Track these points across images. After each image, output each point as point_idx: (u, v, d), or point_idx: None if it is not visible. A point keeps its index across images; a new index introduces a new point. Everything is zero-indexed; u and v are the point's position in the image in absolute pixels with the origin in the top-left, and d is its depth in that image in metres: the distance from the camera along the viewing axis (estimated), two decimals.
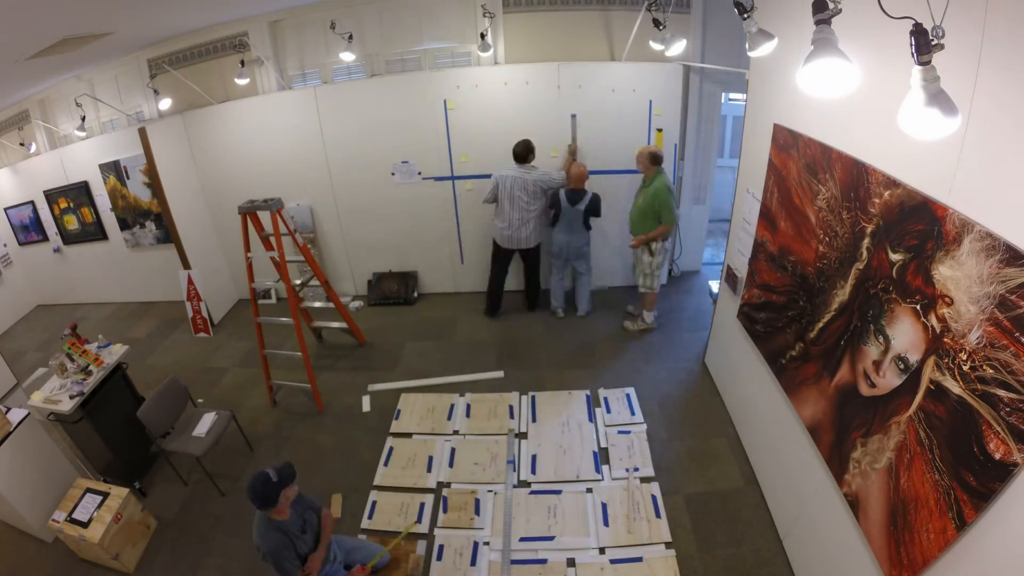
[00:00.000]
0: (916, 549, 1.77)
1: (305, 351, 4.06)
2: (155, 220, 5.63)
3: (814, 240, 2.49)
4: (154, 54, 5.22)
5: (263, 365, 4.23)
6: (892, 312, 1.93)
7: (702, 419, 3.79)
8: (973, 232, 1.53)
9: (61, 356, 3.52)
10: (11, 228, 6.36)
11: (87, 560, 3.05)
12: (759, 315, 3.15)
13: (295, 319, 4.02)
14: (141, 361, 4.96)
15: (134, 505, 3.12)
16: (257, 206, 3.90)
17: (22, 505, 3.05)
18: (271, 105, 5.11)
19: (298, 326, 4.04)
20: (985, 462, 1.51)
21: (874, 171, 2.00)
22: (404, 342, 4.94)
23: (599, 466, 3.44)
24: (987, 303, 1.50)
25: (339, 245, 5.63)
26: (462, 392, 4.19)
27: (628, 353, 4.54)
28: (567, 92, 4.71)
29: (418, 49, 5.03)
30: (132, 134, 5.03)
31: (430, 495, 3.33)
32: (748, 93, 3.32)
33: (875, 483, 2.00)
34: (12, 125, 5.95)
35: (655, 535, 2.97)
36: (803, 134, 2.54)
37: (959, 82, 1.43)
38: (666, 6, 3.98)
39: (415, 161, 5.09)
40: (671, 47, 3.76)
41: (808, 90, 1.76)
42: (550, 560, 2.90)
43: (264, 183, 5.24)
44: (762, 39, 2.34)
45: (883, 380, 1.99)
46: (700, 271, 5.77)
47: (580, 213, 4.56)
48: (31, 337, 5.96)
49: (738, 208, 3.50)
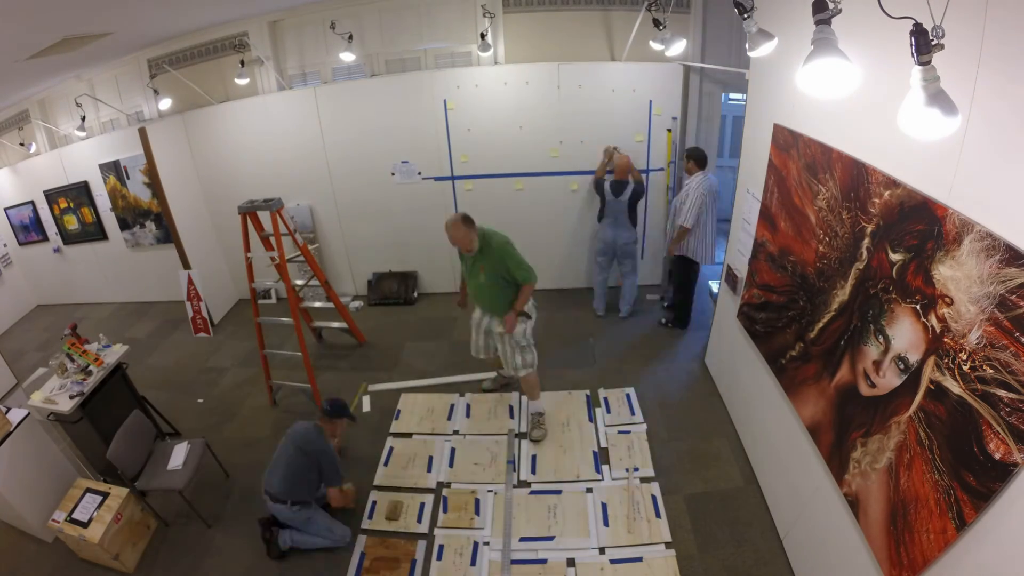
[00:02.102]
0: (916, 549, 1.77)
1: (305, 351, 4.06)
2: (155, 220, 5.64)
3: (814, 240, 2.49)
4: (154, 54, 5.22)
5: (263, 365, 4.22)
6: (892, 312, 1.93)
7: (702, 419, 3.78)
8: (973, 232, 1.53)
9: (61, 356, 3.53)
10: (11, 228, 6.36)
11: (87, 560, 3.05)
12: (759, 315, 3.15)
13: (295, 319, 4.02)
14: (141, 361, 4.96)
15: (134, 505, 3.12)
16: (257, 206, 3.90)
17: (22, 505, 3.05)
18: (271, 105, 5.11)
19: (298, 326, 4.04)
20: (985, 462, 1.51)
21: (874, 171, 2.00)
22: (404, 342, 4.94)
23: (599, 466, 3.44)
24: (987, 303, 1.50)
25: (339, 245, 5.63)
26: (462, 392, 4.19)
27: (628, 353, 4.54)
28: (567, 92, 4.71)
29: (418, 49, 5.03)
30: (132, 134, 5.03)
31: (430, 495, 3.33)
32: (748, 93, 3.32)
33: (875, 483, 2.00)
34: (12, 125, 5.95)
35: (655, 535, 2.97)
36: (803, 134, 2.54)
37: (959, 82, 1.43)
38: (666, 6, 3.98)
39: (415, 161, 5.09)
40: (671, 47, 3.76)
41: (808, 90, 1.76)
42: (550, 560, 2.90)
43: (264, 183, 5.24)
44: (762, 39, 2.34)
45: (883, 380, 1.98)
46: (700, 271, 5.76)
47: (624, 204, 4.52)
48: (31, 337, 5.95)
49: (738, 208, 3.50)
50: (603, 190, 4.54)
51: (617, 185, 4.50)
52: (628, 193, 4.48)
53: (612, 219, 4.60)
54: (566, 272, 5.49)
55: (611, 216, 4.59)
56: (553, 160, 4.94)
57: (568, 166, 4.98)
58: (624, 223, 4.60)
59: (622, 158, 4.52)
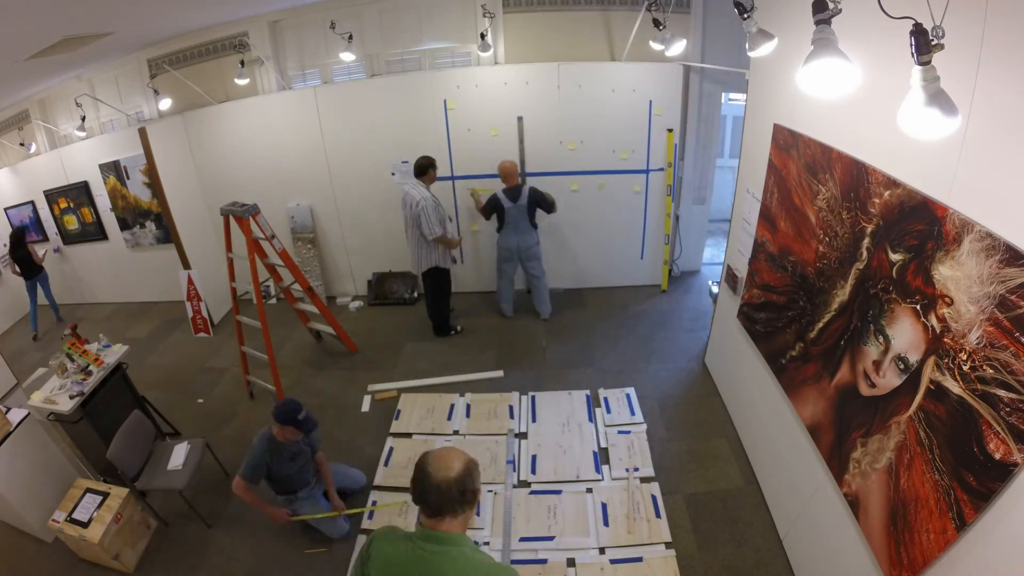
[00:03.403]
0: (916, 549, 1.77)
1: (271, 352, 4.11)
2: (155, 220, 5.64)
3: (814, 240, 2.49)
4: (154, 54, 5.22)
5: (242, 361, 4.28)
6: (892, 312, 1.93)
7: (702, 419, 3.79)
8: (973, 232, 1.53)
9: (61, 356, 3.53)
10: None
11: (87, 560, 3.05)
12: (759, 315, 3.15)
13: (263, 321, 4.01)
14: (141, 361, 4.96)
15: (134, 505, 3.12)
16: (234, 210, 3.90)
17: (22, 505, 3.05)
18: (271, 105, 5.11)
19: (265, 329, 4.05)
20: (985, 462, 1.51)
21: (874, 171, 2.00)
22: (404, 342, 4.94)
23: (599, 466, 3.44)
24: (987, 303, 1.50)
25: (339, 245, 5.63)
26: (462, 392, 4.18)
27: (628, 353, 4.54)
28: (567, 92, 4.71)
29: (418, 49, 5.03)
30: (132, 134, 5.03)
31: None
32: (748, 93, 3.32)
33: (875, 483, 2.00)
34: (12, 125, 5.96)
35: (655, 535, 2.97)
36: (803, 134, 2.54)
37: (959, 82, 1.43)
38: (666, 6, 3.98)
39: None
40: (671, 47, 3.76)
41: (808, 90, 1.76)
42: (550, 560, 2.89)
43: (264, 183, 5.25)
44: (762, 39, 2.34)
45: (883, 380, 1.98)
46: (700, 271, 5.77)
47: (524, 208, 4.50)
48: (31, 337, 5.96)
49: (738, 208, 3.50)
50: (498, 202, 4.48)
51: (512, 192, 4.47)
52: (525, 196, 4.46)
53: (513, 225, 4.57)
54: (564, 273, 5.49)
55: (511, 222, 4.55)
56: (553, 160, 4.94)
57: (568, 166, 4.98)
58: (526, 227, 4.59)
59: (506, 163, 4.49)
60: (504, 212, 4.52)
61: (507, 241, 4.66)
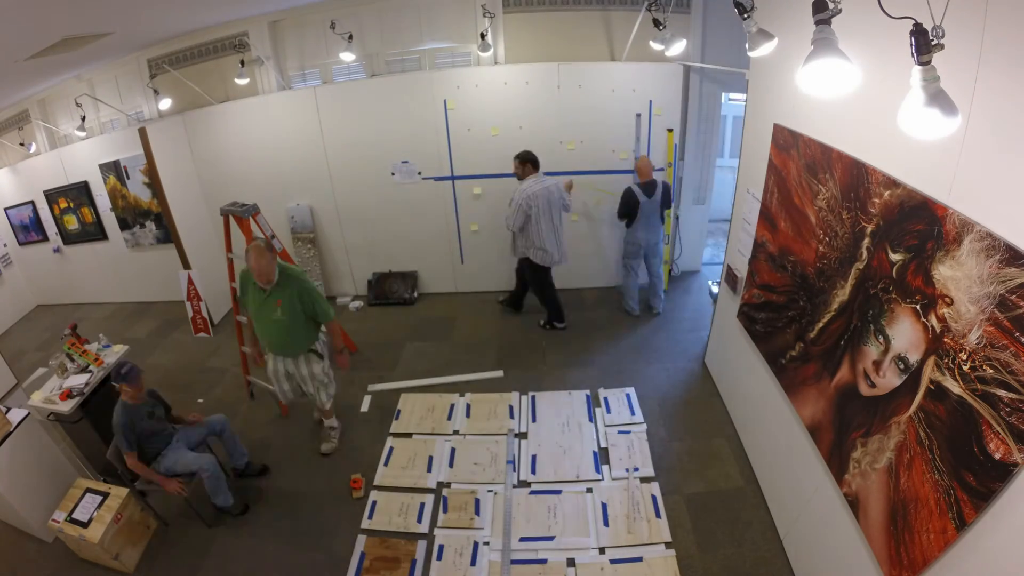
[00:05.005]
0: (916, 549, 1.77)
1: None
2: (155, 220, 5.63)
3: (814, 240, 2.49)
4: (154, 54, 5.22)
5: (242, 361, 4.27)
6: (892, 312, 1.93)
7: (702, 419, 3.79)
8: (973, 232, 1.53)
9: (61, 356, 3.53)
10: (11, 228, 6.36)
11: (87, 560, 3.05)
12: (759, 315, 3.15)
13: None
14: (141, 361, 4.88)
15: (134, 505, 3.12)
16: (234, 210, 3.91)
17: (22, 505, 3.05)
18: (271, 105, 5.11)
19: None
20: (985, 462, 1.51)
21: (874, 171, 2.00)
22: (404, 342, 4.94)
23: (599, 466, 3.44)
24: (987, 303, 1.50)
25: (339, 245, 5.63)
26: (462, 392, 4.18)
27: (628, 353, 4.54)
28: (567, 92, 4.71)
29: (418, 49, 5.03)
30: (132, 134, 5.03)
31: (430, 495, 3.33)
32: (748, 93, 3.32)
33: (875, 483, 2.00)
34: (12, 125, 5.95)
35: (655, 535, 2.97)
36: (803, 134, 2.54)
37: (959, 82, 1.43)
38: (666, 6, 3.98)
39: (415, 161, 5.09)
40: (671, 47, 3.76)
41: (808, 90, 1.76)
42: (550, 560, 2.90)
43: (264, 183, 5.25)
44: (762, 39, 2.34)
45: (883, 380, 1.99)
46: (700, 271, 5.78)
47: (657, 203, 4.52)
48: (31, 337, 5.95)
49: (738, 208, 3.50)
50: (635, 197, 4.47)
51: (647, 187, 4.48)
52: (659, 192, 4.48)
53: (645, 219, 4.56)
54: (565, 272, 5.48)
55: (644, 217, 4.54)
56: (553, 160, 4.93)
57: (568, 166, 4.97)
58: (656, 222, 4.61)
59: (644, 158, 4.54)
60: (639, 207, 4.50)
61: (639, 236, 4.63)
